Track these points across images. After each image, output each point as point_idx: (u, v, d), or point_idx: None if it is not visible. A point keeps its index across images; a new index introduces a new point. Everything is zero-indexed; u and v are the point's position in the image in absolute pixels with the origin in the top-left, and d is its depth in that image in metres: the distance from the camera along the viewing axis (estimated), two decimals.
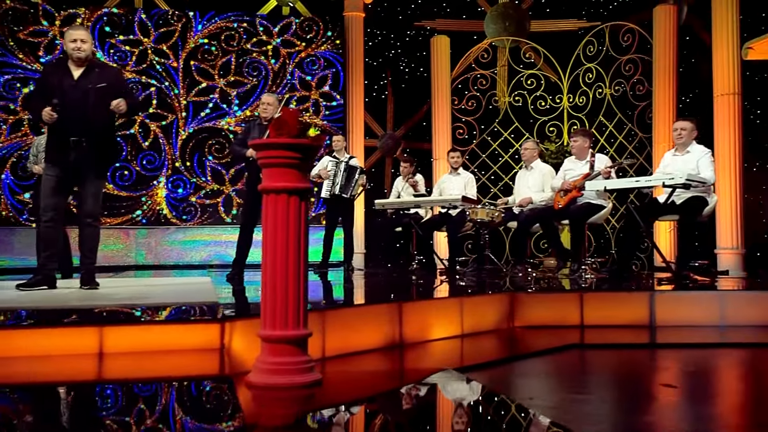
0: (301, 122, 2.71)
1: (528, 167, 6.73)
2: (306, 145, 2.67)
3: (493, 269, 6.56)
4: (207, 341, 2.77)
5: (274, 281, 2.62)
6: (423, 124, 10.16)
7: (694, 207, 5.12)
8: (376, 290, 5.00)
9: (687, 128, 5.30)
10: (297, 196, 2.65)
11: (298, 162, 2.66)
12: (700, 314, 4.24)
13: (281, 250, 2.63)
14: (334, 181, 7.42)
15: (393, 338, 3.51)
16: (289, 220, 2.64)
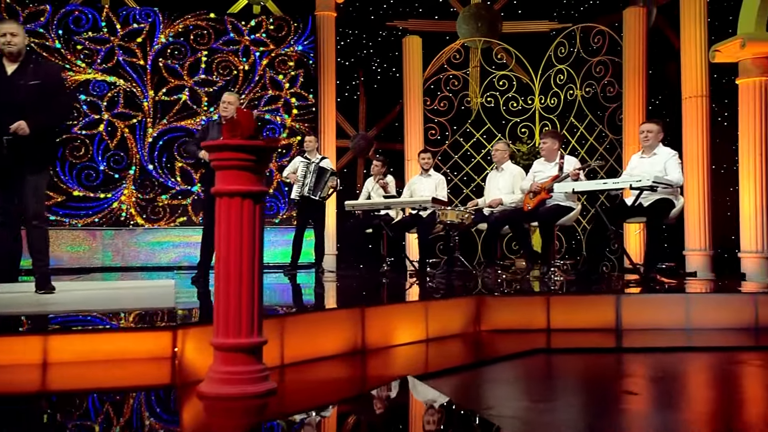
0: (256, 123, 2.62)
1: (499, 168, 6.70)
2: (260, 146, 2.59)
3: (463, 271, 6.51)
4: (158, 350, 2.67)
5: (228, 287, 2.53)
6: (395, 124, 10.09)
7: (661, 209, 5.12)
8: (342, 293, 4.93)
9: (653, 130, 5.30)
10: (251, 199, 2.57)
11: (253, 164, 2.58)
12: (666, 317, 4.23)
13: (234, 256, 2.54)
14: (303, 182, 7.34)
15: (355, 344, 3.43)
16: (243, 224, 2.56)
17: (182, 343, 2.67)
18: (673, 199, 5.22)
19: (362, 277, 7.02)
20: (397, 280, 6.16)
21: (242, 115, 2.59)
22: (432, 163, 7.41)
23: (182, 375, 2.59)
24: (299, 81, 9.67)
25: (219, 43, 9.42)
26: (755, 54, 6.80)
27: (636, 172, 5.36)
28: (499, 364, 3.45)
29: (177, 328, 2.70)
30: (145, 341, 2.67)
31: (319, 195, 7.32)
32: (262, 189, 2.61)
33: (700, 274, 7.31)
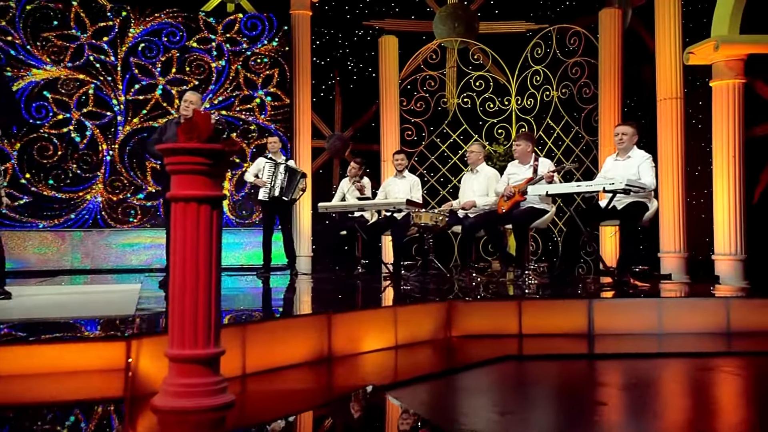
0: (213, 125, 2.54)
1: (473, 170, 6.65)
2: (218, 150, 2.50)
3: (437, 274, 6.45)
4: (111, 361, 2.57)
5: (183, 296, 2.45)
6: (372, 125, 10.02)
7: (634, 212, 5.11)
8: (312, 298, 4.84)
9: (628, 133, 5.28)
10: (208, 204, 2.48)
11: (210, 168, 2.49)
12: (638, 322, 4.21)
13: (191, 263, 2.46)
14: (273, 183, 7.24)
15: (321, 352, 3.36)
16: (200, 230, 2.47)
17: (136, 353, 2.57)
18: (646, 202, 5.21)
19: (335, 279, 6.94)
20: (370, 284, 6.09)
21: (199, 116, 2.50)
22: (406, 164, 7.32)
23: (136, 388, 2.49)
24: (274, 80, 9.58)
25: (192, 41, 9.28)
26: (728, 56, 6.81)
27: (610, 174, 5.34)
28: (469, 372, 3.39)
29: (131, 338, 2.60)
30: (97, 352, 2.57)
31: (291, 196, 7.25)
32: (219, 194, 2.52)
33: (675, 276, 7.32)
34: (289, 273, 7.59)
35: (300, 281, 6.99)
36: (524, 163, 6.01)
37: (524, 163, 6.01)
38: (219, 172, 2.52)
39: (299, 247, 9.10)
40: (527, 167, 5.97)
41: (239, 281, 7.04)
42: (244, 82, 9.46)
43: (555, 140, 8.99)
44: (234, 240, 9.33)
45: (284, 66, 9.58)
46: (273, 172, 7.27)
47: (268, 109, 9.56)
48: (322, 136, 9.93)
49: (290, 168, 7.31)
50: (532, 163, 5.94)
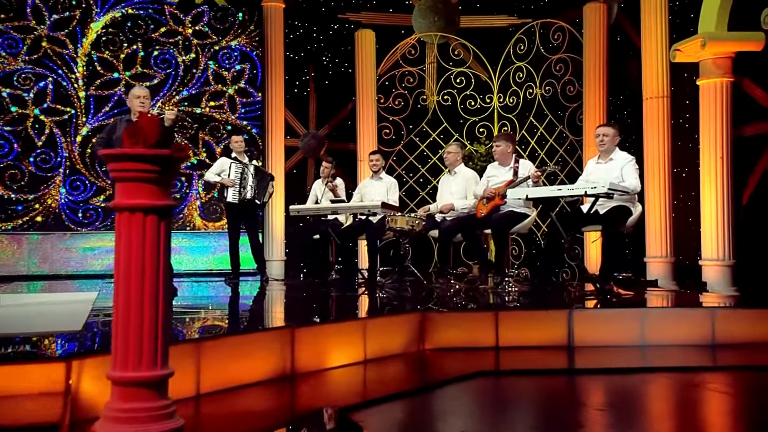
0: (161, 129, 2.44)
1: (451, 172, 6.61)
2: (166, 156, 2.41)
3: (414, 281, 6.39)
4: (50, 384, 2.47)
5: (127, 314, 2.35)
6: (348, 123, 9.95)
7: (617, 217, 5.10)
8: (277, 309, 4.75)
9: (609, 134, 5.27)
10: (155, 215, 2.39)
11: (157, 176, 2.40)
12: (620, 334, 4.17)
13: (136, 278, 2.36)
14: (242, 185, 7.18)
15: (284, 369, 3.27)
16: (146, 242, 2.37)
17: (78, 375, 2.47)
18: (630, 206, 5.19)
19: (307, 286, 6.87)
20: (343, 291, 6.02)
21: (145, 120, 2.40)
22: (382, 165, 7.27)
23: (76, 412, 2.39)
24: (245, 76, 9.48)
25: (158, 34, 9.14)
26: (716, 54, 6.82)
27: (592, 177, 5.34)
28: (442, 389, 3.32)
29: (72, 359, 2.50)
30: (34, 374, 2.46)
31: (262, 199, 7.22)
32: (168, 203, 2.43)
33: (662, 282, 7.32)
34: (260, 279, 7.52)
35: (270, 288, 6.90)
36: (504, 164, 5.97)
37: (504, 165, 5.97)
38: (167, 179, 2.42)
39: (271, 250, 9.03)
40: (507, 169, 5.94)
41: (206, 288, 6.94)
42: (214, 77, 9.35)
43: (538, 140, 8.97)
44: (202, 243, 9.22)
45: (256, 61, 9.47)
46: (242, 174, 7.21)
47: (238, 105, 9.43)
48: (296, 135, 9.84)
49: (260, 170, 7.27)
50: (512, 164, 5.91)
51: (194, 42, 9.27)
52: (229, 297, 5.93)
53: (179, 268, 8.83)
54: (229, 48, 9.42)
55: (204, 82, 9.30)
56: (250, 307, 5.09)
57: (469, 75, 9.45)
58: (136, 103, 5.19)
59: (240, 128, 9.37)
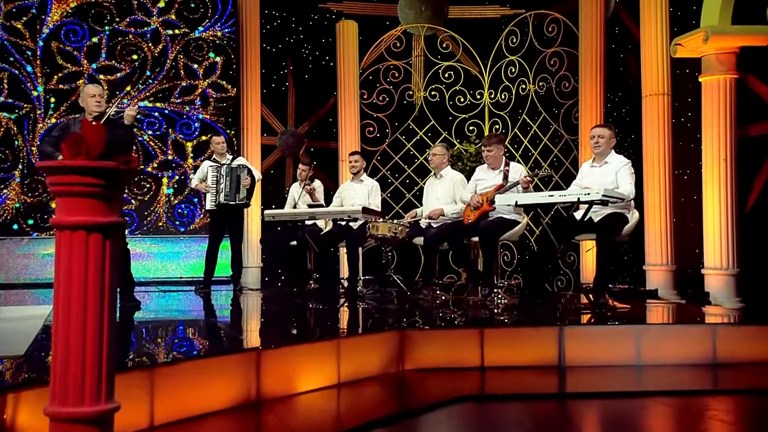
0: (105, 138, 2.35)
1: (437, 175, 6.55)
2: (112, 169, 2.32)
3: (397, 291, 6.34)
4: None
5: (68, 343, 2.25)
6: (329, 120, 9.88)
7: (612, 225, 5.07)
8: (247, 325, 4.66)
9: (605, 136, 5.23)
10: (100, 233, 2.30)
11: (102, 190, 2.31)
12: (614, 353, 4.12)
13: (77, 304, 2.27)
14: (218, 189, 7.13)
15: (248, 395, 3.19)
16: (89, 264, 2.28)
17: (13, 410, 2.38)
18: (626, 213, 5.16)
19: (282, 297, 6.80)
20: (321, 303, 5.95)
21: (88, 128, 2.31)
22: (362, 167, 7.22)
23: None
24: (218, 69, 9.39)
25: (123, 23, 9.03)
26: (719, 49, 6.78)
27: (586, 182, 5.30)
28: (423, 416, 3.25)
29: (6, 392, 2.40)
30: None
31: (238, 198, 7.13)
32: (115, 220, 2.34)
33: (662, 292, 7.28)
34: (233, 288, 7.44)
35: (242, 299, 6.83)
36: (494, 167, 5.91)
37: (494, 168, 5.91)
38: (114, 194, 2.33)
39: (246, 256, 8.93)
40: (497, 173, 5.90)
41: (173, 299, 6.84)
42: (184, 70, 9.24)
43: (532, 139, 8.94)
44: (173, 249, 9.12)
45: (230, 53, 9.37)
46: (216, 177, 7.17)
47: (211, 101, 9.34)
48: (273, 133, 9.75)
49: (230, 168, 7.19)
50: (503, 167, 5.86)
51: (163, 32, 9.16)
52: (197, 310, 5.84)
53: (146, 275, 8.74)
54: (201, 39, 9.32)
55: (173, 76, 9.20)
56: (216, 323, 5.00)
57: (458, 69, 9.41)
58: (92, 103, 5.07)
59: (212, 126, 9.26)
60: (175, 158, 9.19)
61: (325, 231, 7.16)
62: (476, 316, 5.13)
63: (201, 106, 9.31)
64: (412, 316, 5.10)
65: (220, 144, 7.44)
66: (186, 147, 9.25)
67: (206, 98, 9.33)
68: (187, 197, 9.19)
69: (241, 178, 7.13)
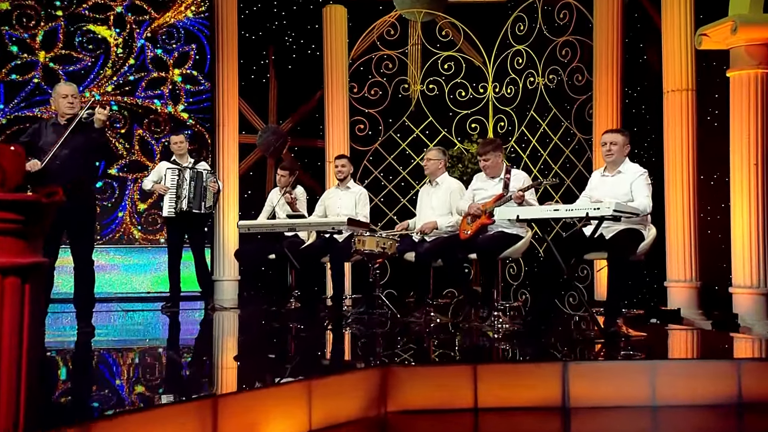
0: (24, 165, 2.25)
1: (432, 183, 6.48)
2: (33, 202, 2.22)
3: (387, 313, 6.25)
4: None
5: None
6: (315, 116, 9.85)
7: (626, 243, 4.98)
8: (209, 360, 4.56)
9: (618, 142, 5.15)
10: (17, 276, 2.20)
11: (21, 227, 2.21)
12: (626, 392, 4.01)
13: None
14: (179, 195, 7.05)
15: None
16: (3, 312, 2.19)
17: None
18: (641, 229, 5.08)
19: (257, 319, 6.73)
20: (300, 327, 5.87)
21: (5, 153, 2.21)
22: (350, 172, 7.14)
23: None
24: (191, 60, 9.38)
25: (84, 7, 8.95)
26: (749, 40, 6.70)
27: (596, 194, 5.23)
28: None
29: None
30: None
31: (204, 206, 7.09)
32: (35, 260, 2.24)
33: (685, 311, 7.20)
34: (204, 307, 7.36)
35: (213, 320, 6.77)
36: (493, 176, 5.83)
37: (493, 177, 5.85)
38: (34, 231, 2.23)
39: (221, 269, 8.90)
40: (497, 181, 5.84)
41: (135, 320, 6.75)
42: (152, 61, 9.19)
43: (540, 138, 8.85)
44: (138, 261, 9.09)
45: (204, 41, 9.37)
46: (177, 181, 7.08)
47: (182, 95, 9.29)
48: (252, 130, 9.71)
49: (196, 171, 7.12)
50: (503, 176, 5.79)
51: (129, 18, 9.11)
52: (156, 338, 5.70)
53: (110, 290, 8.70)
54: (172, 26, 9.29)
55: (140, 67, 9.17)
56: (174, 357, 4.87)
57: (459, 60, 9.32)
58: (64, 104, 5.00)
59: (184, 122, 9.21)
60: (142, 159, 9.10)
61: (308, 243, 7.07)
62: (472, 344, 5.06)
63: (171, 100, 9.26)
64: (399, 344, 5.02)
65: (178, 144, 7.35)
66: (154, 146, 9.17)
67: (177, 92, 9.29)
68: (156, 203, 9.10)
69: (209, 183, 7.03)
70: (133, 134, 9.11)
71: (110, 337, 5.52)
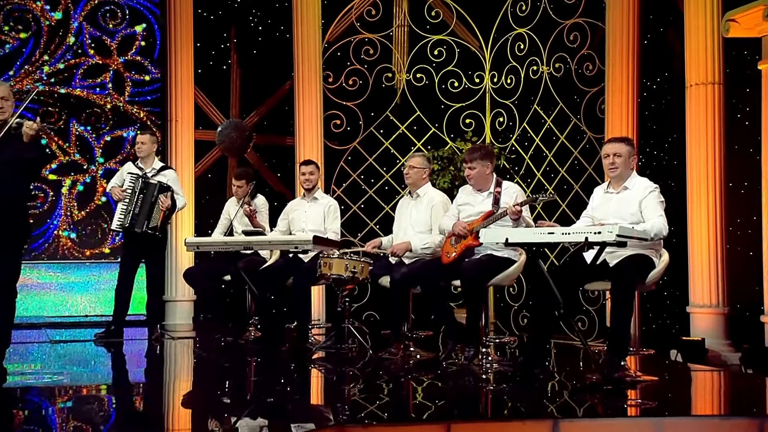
0: None
1: (413, 194, 6.44)
2: None
3: (356, 348, 6.25)
4: None
5: None
6: (284, 108, 9.84)
7: (633, 271, 4.94)
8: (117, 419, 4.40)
9: (622, 153, 5.11)
10: None
11: None
12: None
13: None
14: (127, 208, 7.04)
15: None
16: None
17: None
18: (651, 255, 5.05)
19: (206, 354, 6.73)
20: (253, 367, 5.81)
21: None
22: (317, 180, 7.11)
23: None
24: (137, 44, 9.36)
25: None
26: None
27: (599, 214, 5.18)
28: None
29: None
30: None
31: (146, 226, 7.06)
32: None
33: (710, 342, 7.16)
34: (148, 336, 7.31)
35: (152, 355, 6.76)
36: (480, 189, 5.81)
37: (480, 190, 5.82)
38: None
39: (173, 288, 8.90)
40: (486, 195, 5.81)
41: (58, 356, 6.65)
42: (92, 45, 9.16)
43: (545, 136, 8.84)
44: (75, 279, 9.09)
45: (153, 22, 9.35)
46: (132, 189, 7.15)
47: (128, 84, 9.29)
48: (211, 125, 9.68)
49: (146, 181, 7.15)
50: (493, 189, 5.76)
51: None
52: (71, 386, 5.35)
53: (42, 313, 8.71)
54: (114, 4, 9.25)
55: (77, 52, 9.13)
56: (76, 425, 4.62)
57: (451, 45, 9.40)
58: None
59: (130, 116, 9.17)
60: (80, 160, 9.09)
61: (269, 263, 7.06)
62: (451, 392, 5.00)
63: (115, 90, 9.22)
64: (364, 390, 4.97)
65: (140, 145, 7.36)
66: (93, 144, 9.14)
67: (121, 80, 9.26)
68: (97, 210, 9.04)
69: (159, 200, 7.01)
70: (69, 131, 9.03)
71: (21, 378, 5.36)
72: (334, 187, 9.32)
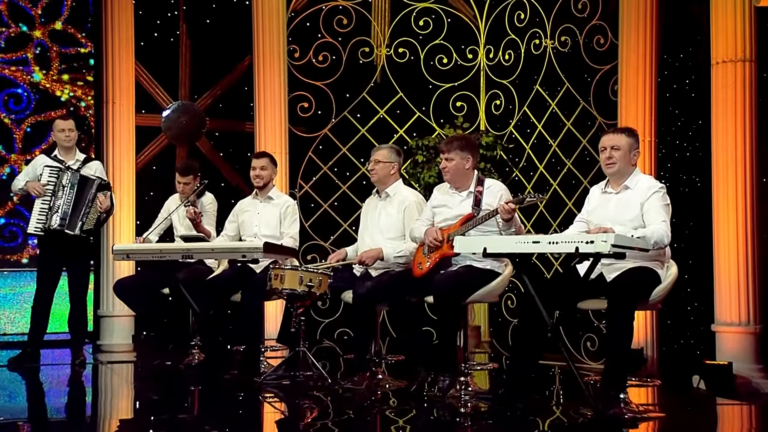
0: None
1: (381, 194, 6.44)
2: None
3: (315, 377, 6.24)
4: None
5: None
6: (243, 89, 9.88)
7: (633, 287, 4.93)
8: None
9: (622, 146, 5.12)
10: None
11: None
12: None
13: None
14: (51, 205, 6.97)
15: None
16: None
17: None
18: (656, 267, 5.05)
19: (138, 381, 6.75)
20: (189, 402, 5.78)
21: None
22: (271, 176, 7.10)
23: None
24: (65, 12, 9.43)
25: None
26: None
27: (595, 218, 5.19)
28: None
29: None
30: None
31: (81, 227, 7.04)
32: None
33: (739, 366, 7.19)
34: (71, 360, 7.27)
35: (71, 384, 6.74)
36: (458, 187, 5.78)
37: (458, 188, 5.79)
38: None
39: (110, 301, 8.86)
40: (464, 195, 5.79)
41: None
42: (9, 12, 9.21)
43: (549, 122, 8.86)
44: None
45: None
46: (54, 186, 7.05)
47: (54, 59, 9.30)
48: (156, 108, 9.69)
49: (81, 176, 7.12)
50: (473, 188, 5.74)
51: None
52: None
53: None
54: None
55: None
56: None
57: (440, 14, 9.47)
58: None
59: (57, 98, 9.13)
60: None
61: (215, 274, 7.04)
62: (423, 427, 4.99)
63: (39, 66, 9.22)
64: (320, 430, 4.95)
65: (65, 132, 7.29)
66: (13, 131, 9.08)
67: (46, 55, 9.27)
68: (15, 209, 9.05)
69: (96, 198, 7.01)
70: None
71: None
72: (301, 181, 9.34)
